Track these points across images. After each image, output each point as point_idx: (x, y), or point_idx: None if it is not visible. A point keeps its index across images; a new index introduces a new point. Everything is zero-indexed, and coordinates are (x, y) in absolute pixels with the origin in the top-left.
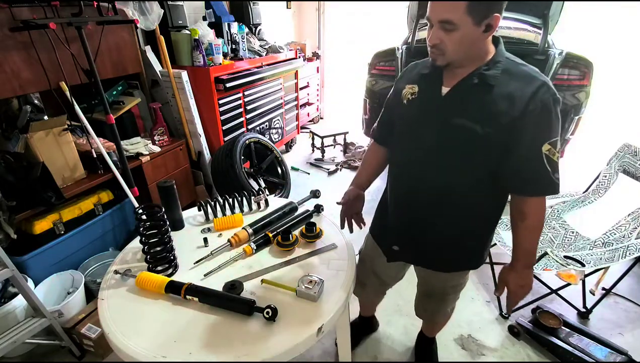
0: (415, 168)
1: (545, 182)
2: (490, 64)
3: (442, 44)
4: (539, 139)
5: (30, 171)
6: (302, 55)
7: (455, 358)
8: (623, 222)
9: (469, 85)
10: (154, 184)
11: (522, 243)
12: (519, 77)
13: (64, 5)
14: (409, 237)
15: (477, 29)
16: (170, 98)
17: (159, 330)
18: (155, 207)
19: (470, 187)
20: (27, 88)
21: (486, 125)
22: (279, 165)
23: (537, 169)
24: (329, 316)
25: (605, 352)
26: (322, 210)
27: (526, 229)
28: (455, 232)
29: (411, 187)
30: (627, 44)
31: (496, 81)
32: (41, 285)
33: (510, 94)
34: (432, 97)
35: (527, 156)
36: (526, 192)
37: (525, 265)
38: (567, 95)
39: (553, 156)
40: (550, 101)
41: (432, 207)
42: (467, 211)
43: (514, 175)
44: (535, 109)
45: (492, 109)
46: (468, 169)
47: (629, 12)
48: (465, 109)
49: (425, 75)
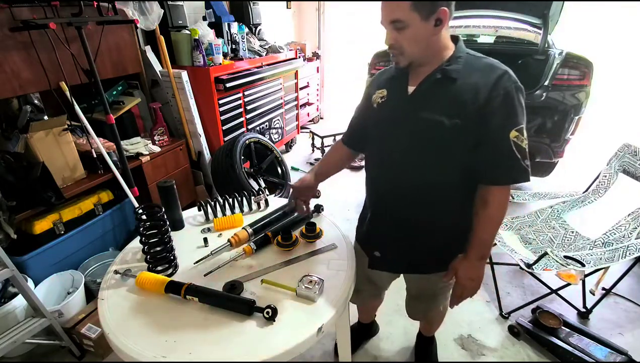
0: (392, 169)
1: (515, 169)
2: (451, 59)
3: (397, 43)
4: (506, 126)
5: (30, 171)
6: (302, 55)
7: (455, 358)
8: (623, 222)
9: (432, 81)
10: (154, 184)
11: (480, 232)
12: (481, 69)
13: (64, 5)
14: (391, 240)
15: (426, 25)
16: (170, 98)
17: (159, 330)
18: (155, 207)
19: (447, 183)
20: (27, 88)
21: (453, 117)
22: (279, 165)
23: (509, 156)
24: (329, 316)
25: (605, 352)
26: (322, 210)
27: (486, 219)
28: (438, 231)
29: (389, 190)
30: (627, 44)
31: (458, 74)
32: (41, 285)
33: (474, 85)
34: (399, 98)
35: (495, 144)
36: (495, 180)
37: (478, 256)
38: (567, 95)
39: (521, 143)
40: (512, 88)
41: (412, 207)
42: (447, 208)
43: (485, 163)
44: (498, 96)
45: (457, 101)
46: (443, 164)
47: (629, 12)
48: (431, 103)
49: (392, 79)
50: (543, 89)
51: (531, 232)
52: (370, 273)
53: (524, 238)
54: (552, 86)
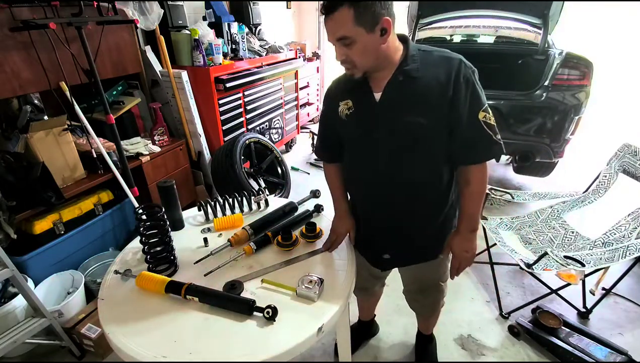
0: (380, 174)
1: (490, 146)
2: (407, 59)
3: (348, 58)
4: (474, 109)
5: (30, 171)
6: (302, 55)
7: (455, 358)
8: (623, 222)
9: (396, 84)
10: (154, 184)
11: (467, 208)
12: (437, 63)
13: (64, 5)
14: (396, 241)
15: (372, 36)
16: (170, 98)
17: (159, 330)
18: (155, 207)
19: (435, 174)
20: (27, 88)
21: (428, 114)
22: (279, 165)
23: (481, 136)
24: (329, 316)
25: (605, 352)
26: (322, 210)
27: (470, 195)
28: (435, 218)
29: (382, 194)
30: (627, 44)
31: (418, 73)
32: (41, 285)
33: (436, 79)
34: (368, 106)
35: (468, 127)
36: (473, 160)
37: (469, 229)
38: (567, 95)
39: (490, 120)
40: (470, 74)
41: (407, 204)
42: (439, 197)
43: (462, 147)
44: (460, 84)
45: (426, 98)
46: (428, 158)
47: (629, 12)
48: (402, 105)
49: (353, 89)
50: (543, 89)
51: (531, 232)
52: (372, 271)
53: (524, 239)
54: (552, 86)
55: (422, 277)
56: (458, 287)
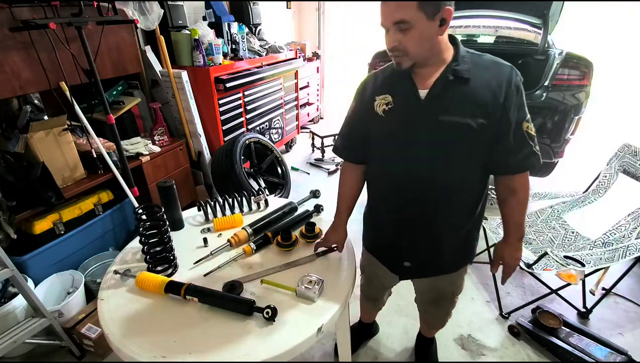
0: (414, 176)
1: (531, 156)
2: (458, 59)
3: (401, 45)
4: (520, 118)
5: (30, 171)
6: (302, 55)
7: (455, 358)
8: (623, 222)
9: (445, 83)
10: (154, 184)
11: (514, 217)
12: (488, 67)
13: (64, 5)
14: (421, 249)
15: (432, 24)
16: (170, 98)
17: (159, 330)
18: (155, 207)
19: (471, 181)
20: (27, 88)
21: (478, 117)
22: (279, 165)
23: (524, 146)
24: (329, 316)
25: (605, 352)
26: (322, 210)
27: (517, 203)
28: (462, 229)
29: (415, 196)
30: (627, 44)
31: (470, 74)
32: (41, 285)
33: (488, 83)
34: (412, 103)
35: (515, 136)
36: (516, 169)
37: (517, 238)
38: (567, 95)
39: (532, 131)
40: (520, 82)
41: (440, 211)
42: (469, 206)
43: (504, 156)
44: (512, 92)
45: (476, 101)
46: (467, 164)
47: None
48: (450, 106)
49: (395, 83)
50: (543, 89)
51: (531, 232)
52: (386, 282)
53: (524, 239)
54: (552, 86)
55: (438, 288)
56: None
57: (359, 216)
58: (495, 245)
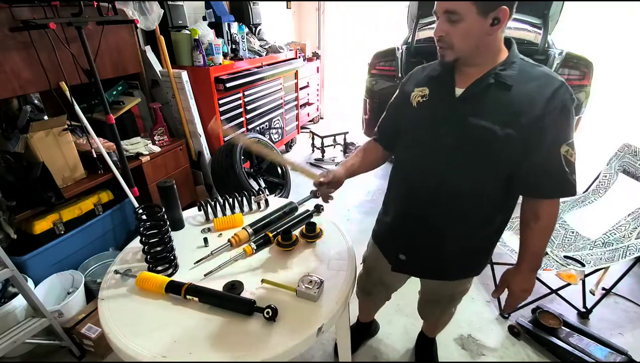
0: (433, 173)
1: (564, 183)
2: (505, 64)
3: (447, 36)
4: (558, 140)
5: (30, 171)
6: (302, 55)
7: (455, 358)
8: (623, 222)
9: (484, 86)
10: (154, 184)
11: (532, 246)
12: (537, 78)
13: (64, 5)
14: (420, 245)
15: (483, 21)
16: (170, 98)
17: (159, 330)
18: (155, 207)
19: (487, 192)
20: (27, 88)
21: (507, 126)
22: (279, 165)
23: (556, 170)
24: (329, 316)
25: (605, 352)
26: (322, 210)
27: (539, 231)
28: (469, 240)
29: (427, 194)
30: (627, 44)
31: (513, 81)
32: (41, 285)
33: (529, 94)
34: (445, 99)
35: (546, 157)
36: (544, 193)
37: (531, 269)
38: None
39: (571, 157)
40: (569, 102)
41: (447, 214)
42: (480, 219)
43: (533, 176)
44: (555, 109)
45: (511, 110)
46: (486, 173)
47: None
48: (482, 109)
49: (435, 77)
50: None
51: None
52: (384, 277)
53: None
54: None
55: (439, 291)
56: None
57: (358, 216)
58: (507, 270)
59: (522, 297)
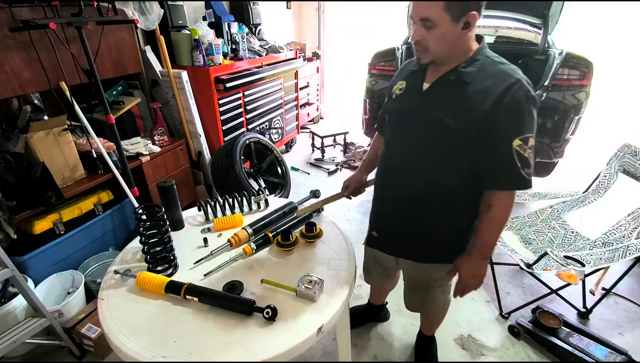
0: (399, 160)
1: (514, 176)
2: (468, 61)
3: (423, 40)
4: (510, 134)
5: (30, 171)
6: (302, 55)
7: (455, 358)
8: (623, 222)
9: (446, 82)
10: (154, 184)
11: (482, 234)
12: (495, 75)
13: (64, 5)
14: (389, 224)
15: (455, 26)
16: (170, 98)
17: (159, 330)
18: (155, 207)
19: (447, 183)
20: (27, 88)
21: (460, 120)
22: (279, 165)
23: (506, 163)
24: (329, 316)
25: (605, 352)
26: (322, 210)
27: (489, 221)
28: (432, 223)
29: (394, 178)
30: (627, 44)
31: (471, 78)
32: (41, 285)
33: (485, 90)
34: (414, 93)
35: (496, 150)
36: (495, 185)
37: (480, 256)
38: (567, 95)
39: (524, 152)
40: (522, 98)
41: (411, 199)
42: (444, 203)
43: (485, 168)
44: (506, 105)
45: (466, 105)
46: (444, 164)
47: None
48: (441, 103)
49: (412, 72)
50: (543, 89)
51: (531, 232)
52: (376, 255)
53: (524, 239)
54: (552, 86)
55: (412, 275)
56: None
57: (358, 216)
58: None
59: (470, 282)
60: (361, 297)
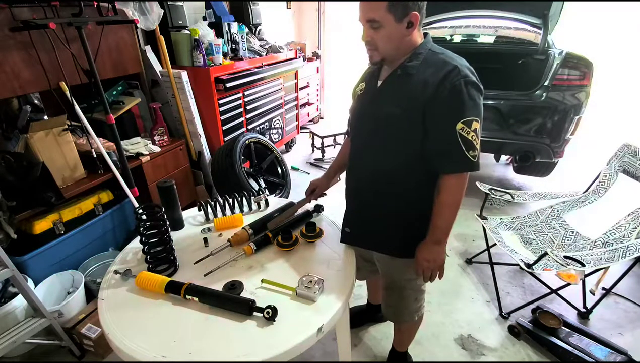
0: (359, 155)
1: (459, 159)
2: (412, 56)
3: (373, 40)
4: (451, 118)
5: (30, 171)
6: (302, 55)
7: (455, 358)
8: (623, 222)
9: (395, 77)
10: (154, 184)
11: (434, 218)
12: (434, 65)
13: (64, 5)
14: (357, 219)
15: (399, 26)
16: (170, 98)
17: (159, 330)
18: (155, 207)
19: (403, 169)
20: (27, 88)
21: (406, 110)
22: (279, 165)
23: (451, 146)
24: (329, 316)
25: (605, 352)
26: (322, 210)
27: (440, 205)
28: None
29: (356, 173)
30: (627, 44)
31: (414, 70)
32: (41, 285)
33: (425, 80)
34: (370, 91)
35: (441, 135)
36: (443, 168)
37: (434, 241)
38: (567, 95)
39: (467, 135)
40: (460, 83)
41: (373, 190)
42: (403, 193)
43: (432, 153)
44: (444, 91)
45: (410, 95)
46: (397, 151)
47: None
48: (391, 96)
49: (370, 73)
50: (543, 89)
51: (531, 232)
52: (360, 251)
53: (524, 239)
54: (552, 86)
55: (387, 273)
56: (458, 287)
57: None
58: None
59: (425, 266)
60: (361, 297)
